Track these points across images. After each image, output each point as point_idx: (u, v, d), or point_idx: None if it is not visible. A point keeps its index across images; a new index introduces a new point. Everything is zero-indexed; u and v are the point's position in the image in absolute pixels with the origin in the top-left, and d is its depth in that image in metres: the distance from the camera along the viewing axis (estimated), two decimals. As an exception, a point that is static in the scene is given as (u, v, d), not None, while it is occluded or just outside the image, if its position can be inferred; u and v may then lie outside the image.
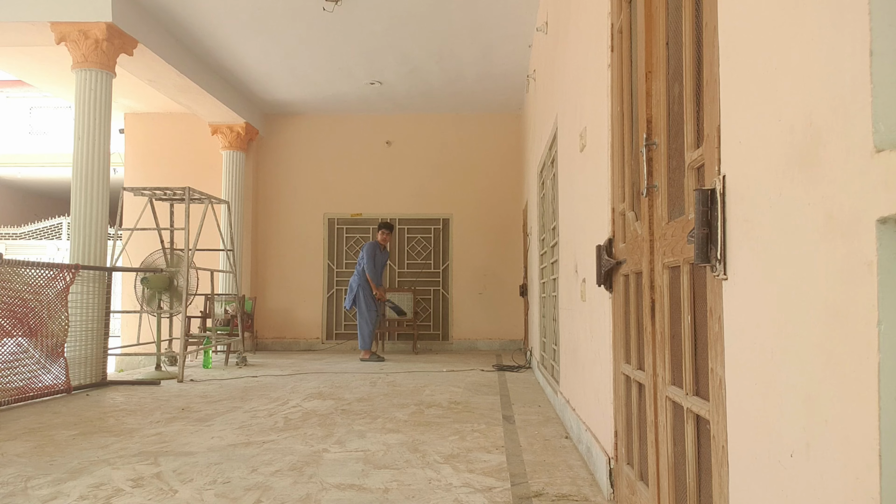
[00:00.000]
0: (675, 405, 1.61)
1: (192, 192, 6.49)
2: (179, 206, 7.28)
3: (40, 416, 4.17)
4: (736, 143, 1.14)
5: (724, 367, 1.21)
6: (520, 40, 6.84)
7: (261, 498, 2.40)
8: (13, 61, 7.53)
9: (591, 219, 2.88)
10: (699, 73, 1.39)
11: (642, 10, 1.89)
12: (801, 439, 0.90)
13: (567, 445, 3.25)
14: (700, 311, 1.41)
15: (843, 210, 0.78)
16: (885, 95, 0.72)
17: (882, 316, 0.71)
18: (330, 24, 6.55)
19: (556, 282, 4.48)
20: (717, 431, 1.25)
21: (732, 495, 1.17)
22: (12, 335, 4.66)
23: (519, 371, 6.64)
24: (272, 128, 9.74)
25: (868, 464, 0.73)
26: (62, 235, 13.09)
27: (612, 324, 2.38)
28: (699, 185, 1.38)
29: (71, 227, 5.71)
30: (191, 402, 4.75)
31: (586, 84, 3.06)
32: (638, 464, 2.03)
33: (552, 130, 4.65)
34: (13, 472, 2.78)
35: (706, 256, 1.23)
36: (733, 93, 1.16)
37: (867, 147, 0.73)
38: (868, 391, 0.73)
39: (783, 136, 0.95)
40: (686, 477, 1.50)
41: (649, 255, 1.81)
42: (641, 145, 1.85)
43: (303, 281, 9.55)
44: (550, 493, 2.45)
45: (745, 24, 1.11)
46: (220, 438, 3.43)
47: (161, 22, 6.57)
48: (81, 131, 5.73)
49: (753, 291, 1.07)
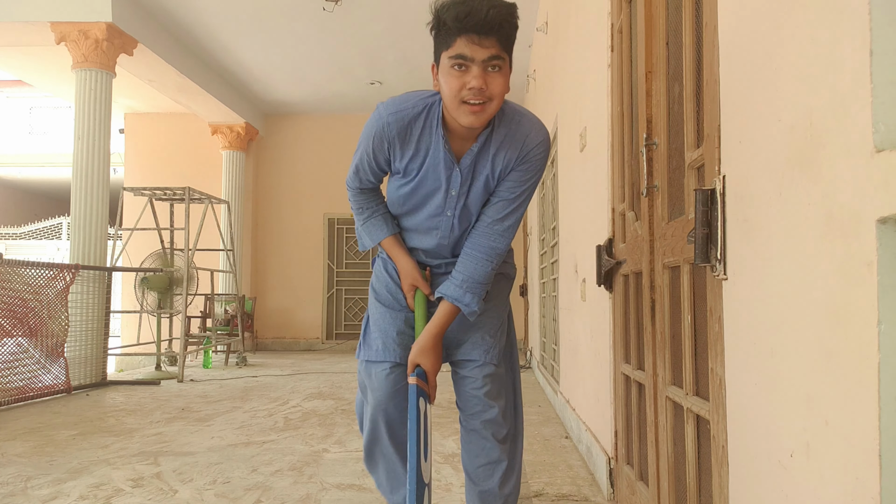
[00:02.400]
0: (675, 405, 1.61)
1: (191, 192, 6.49)
2: (179, 206, 7.28)
3: (40, 416, 4.17)
4: (736, 142, 1.14)
5: (724, 367, 1.21)
6: (519, 40, 6.75)
7: (261, 498, 2.40)
8: (13, 61, 7.53)
9: (591, 219, 2.88)
10: (699, 73, 1.39)
11: (642, 10, 1.88)
12: (801, 439, 0.90)
13: (567, 445, 3.25)
14: (700, 311, 1.41)
15: (843, 210, 0.78)
16: (885, 95, 0.72)
17: (882, 316, 0.71)
18: (330, 24, 6.55)
19: (556, 282, 4.49)
20: (717, 431, 1.25)
21: (732, 495, 1.17)
22: (12, 335, 4.66)
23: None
24: (272, 128, 9.74)
25: (868, 464, 0.73)
26: (62, 235, 13.09)
27: (611, 324, 2.38)
28: (699, 185, 1.38)
29: (71, 227, 5.71)
30: (191, 402, 4.75)
31: (586, 84, 3.06)
32: (638, 464, 2.03)
33: (552, 130, 4.65)
34: (13, 471, 2.78)
35: (706, 256, 1.23)
36: (733, 92, 1.16)
37: (867, 147, 0.73)
38: (868, 391, 0.73)
39: (783, 135, 0.95)
40: (686, 477, 1.50)
41: (649, 255, 1.81)
42: (641, 145, 1.85)
43: (303, 281, 9.55)
44: (550, 492, 2.45)
45: (745, 24, 1.11)
46: (220, 438, 3.43)
47: (161, 22, 6.57)
48: (81, 131, 5.73)
49: (753, 291, 1.07)
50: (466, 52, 1.33)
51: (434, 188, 1.53)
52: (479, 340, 1.60)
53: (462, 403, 1.63)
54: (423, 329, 1.55)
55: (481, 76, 1.34)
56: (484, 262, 1.53)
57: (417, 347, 1.54)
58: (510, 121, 1.49)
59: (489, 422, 1.59)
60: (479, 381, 1.58)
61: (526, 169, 1.51)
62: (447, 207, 1.54)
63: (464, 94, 1.35)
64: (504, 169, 1.50)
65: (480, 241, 1.54)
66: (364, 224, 1.66)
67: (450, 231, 1.58)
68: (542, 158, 1.52)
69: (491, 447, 1.60)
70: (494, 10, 1.31)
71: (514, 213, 1.54)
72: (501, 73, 1.37)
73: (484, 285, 1.54)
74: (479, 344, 1.60)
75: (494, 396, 1.59)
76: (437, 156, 1.49)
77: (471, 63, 1.34)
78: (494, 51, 1.34)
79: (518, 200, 1.53)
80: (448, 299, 1.53)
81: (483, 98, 1.36)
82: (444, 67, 1.38)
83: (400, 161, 1.52)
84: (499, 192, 1.53)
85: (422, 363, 1.53)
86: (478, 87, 1.33)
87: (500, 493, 1.62)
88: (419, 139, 1.49)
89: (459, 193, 1.52)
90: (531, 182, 1.53)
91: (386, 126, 1.48)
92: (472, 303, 1.53)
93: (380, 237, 1.64)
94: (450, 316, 1.54)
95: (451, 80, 1.36)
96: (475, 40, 1.32)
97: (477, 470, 1.62)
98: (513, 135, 1.48)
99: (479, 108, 1.36)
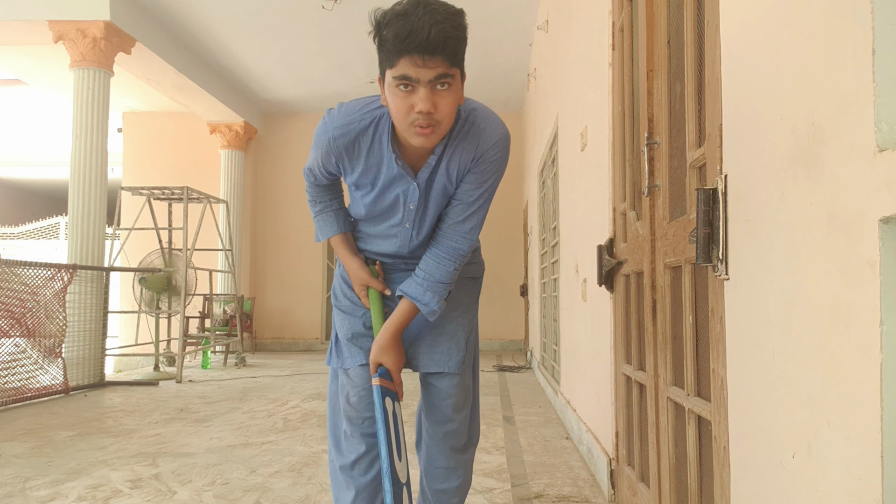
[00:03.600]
0: (676, 406, 1.60)
1: (190, 192, 6.48)
2: (178, 206, 7.27)
3: (38, 416, 4.16)
4: (738, 142, 1.14)
5: (726, 367, 1.20)
6: (520, 39, 6.84)
7: (260, 499, 2.40)
8: (11, 60, 7.52)
9: (592, 218, 2.88)
10: (701, 72, 1.38)
11: (643, 9, 1.88)
12: (802, 440, 0.89)
13: (568, 446, 3.25)
14: (702, 312, 1.40)
15: (846, 210, 0.78)
16: (888, 94, 0.71)
17: (884, 316, 0.71)
18: (329, 23, 6.55)
19: (557, 282, 4.48)
20: (718, 432, 1.25)
21: (734, 496, 1.17)
22: (10, 335, 4.65)
23: (519, 371, 6.64)
24: (271, 127, 9.73)
25: (870, 465, 0.72)
26: (60, 235, 13.08)
27: (612, 324, 2.37)
28: (701, 185, 1.38)
29: (69, 227, 5.70)
30: (189, 402, 4.74)
31: (587, 83, 3.06)
32: (639, 465, 2.02)
33: (553, 129, 4.65)
34: (11, 472, 2.77)
35: (708, 256, 1.22)
36: (735, 91, 1.15)
37: (870, 146, 0.72)
38: (870, 392, 0.73)
39: (785, 135, 0.95)
40: (687, 478, 1.50)
41: (650, 255, 1.80)
42: (643, 144, 1.85)
43: (302, 281, 9.55)
44: (551, 494, 2.45)
45: (747, 23, 1.11)
46: (218, 439, 3.43)
47: (159, 20, 6.56)
48: (79, 130, 5.72)
49: (755, 291, 1.07)
50: (411, 73, 1.25)
51: (392, 202, 1.50)
52: (450, 350, 1.60)
53: (426, 410, 1.66)
54: (382, 327, 1.54)
55: (428, 97, 1.26)
56: (446, 262, 1.52)
57: (377, 346, 1.51)
58: (465, 122, 1.43)
59: (451, 433, 1.63)
60: (446, 391, 1.60)
61: (482, 171, 1.45)
62: (405, 220, 1.52)
63: (412, 118, 1.28)
64: (460, 172, 1.46)
65: (443, 242, 1.53)
66: (316, 217, 1.66)
67: (409, 241, 1.57)
68: (499, 158, 1.46)
69: (448, 455, 1.65)
70: (437, 27, 1.21)
71: (475, 216, 1.51)
72: (451, 90, 1.29)
73: (446, 285, 1.53)
74: (451, 354, 1.60)
75: (459, 408, 1.62)
76: (391, 172, 1.44)
77: (416, 84, 1.26)
78: (441, 69, 1.25)
79: (477, 203, 1.50)
80: (408, 297, 1.52)
81: (432, 121, 1.29)
82: (390, 86, 1.29)
83: (351, 175, 1.49)
84: (458, 195, 1.49)
85: (384, 362, 1.51)
86: (426, 110, 1.26)
87: (455, 491, 1.68)
88: (368, 154, 1.44)
89: (417, 207, 1.49)
90: (489, 183, 1.48)
91: (332, 140, 1.44)
92: (432, 302, 1.51)
93: (328, 234, 1.63)
94: (409, 314, 1.53)
95: (397, 101, 1.29)
96: (419, 62, 1.23)
97: (435, 471, 1.68)
98: (466, 136, 1.43)
99: (429, 129, 1.30)
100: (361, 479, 1.60)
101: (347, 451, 1.62)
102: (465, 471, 1.70)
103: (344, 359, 1.61)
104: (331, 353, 1.66)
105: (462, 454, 1.68)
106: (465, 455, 1.69)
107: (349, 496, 1.61)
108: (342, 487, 1.64)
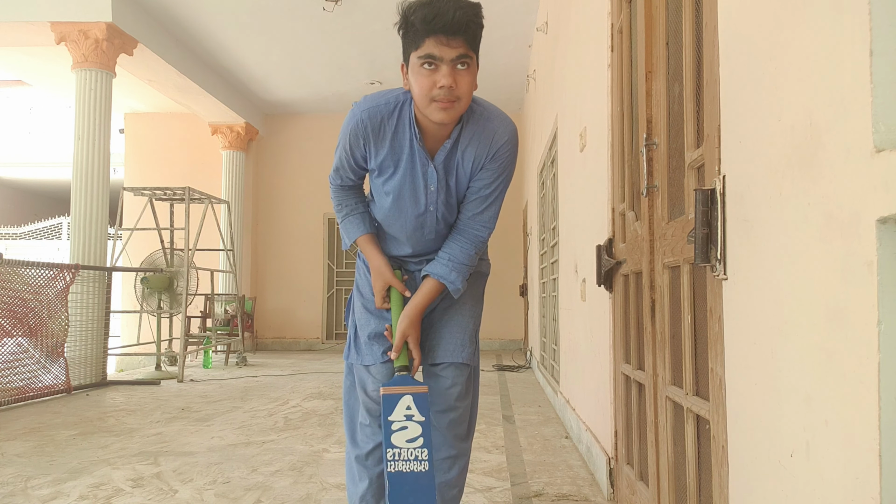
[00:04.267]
0: (675, 405, 1.61)
1: (191, 192, 6.49)
2: (179, 206, 7.28)
3: (40, 415, 4.17)
4: (736, 142, 1.14)
5: (724, 367, 1.21)
6: (520, 40, 6.84)
7: (261, 498, 2.40)
8: (13, 61, 7.53)
9: (591, 219, 2.88)
10: (699, 73, 1.39)
11: (642, 10, 1.89)
12: (801, 439, 0.90)
13: (567, 445, 3.25)
14: (700, 311, 1.41)
15: (843, 210, 0.78)
16: (885, 95, 0.72)
17: (882, 316, 0.71)
18: (330, 24, 6.55)
19: (556, 282, 4.49)
20: (717, 431, 1.25)
21: (732, 495, 1.17)
22: (12, 335, 4.66)
23: (519, 371, 6.64)
24: (272, 128, 9.74)
25: (868, 464, 0.73)
26: (62, 235, 13.09)
27: (611, 324, 2.38)
28: (699, 185, 1.38)
29: (71, 227, 5.71)
30: (191, 401, 4.75)
31: (586, 84, 3.06)
32: (638, 464, 2.03)
33: (552, 130, 4.65)
34: (13, 471, 2.78)
35: (706, 256, 1.23)
36: (733, 92, 1.16)
37: (867, 147, 0.73)
38: (868, 391, 0.73)
39: (783, 135, 0.95)
40: (686, 477, 1.50)
41: (649, 255, 1.81)
42: (641, 145, 1.85)
43: (303, 281, 9.55)
44: (550, 493, 2.45)
45: (745, 24, 1.11)
46: (220, 438, 3.43)
47: (161, 22, 6.57)
48: (81, 131, 5.73)
49: (753, 291, 1.07)
50: (435, 52, 1.40)
51: (414, 186, 1.60)
52: (462, 341, 1.69)
53: (431, 398, 1.71)
54: (408, 304, 1.63)
55: (450, 74, 1.41)
56: (468, 246, 1.64)
57: (407, 320, 1.60)
58: (479, 117, 1.57)
59: (454, 421, 1.69)
60: (452, 381, 1.67)
61: (496, 167, 1.59)
62: (429, 203, 1.62)
63: (434, 93, 1.42)
64: (475, 165, 1.59)
65: (464, 230, 1.65)
66: (342, 222, 1.76)
67: (435, 224, 1.65)
68: (511, 154, 1.61)
69: (451, 444, 1.70)
70: (461, 11, 1.39)
71: (492, 206, 1.65)
72: (469, 70, 1.44)
73: (468, 267, 1.65)
74: (465, 345, 1.69)
75: (462, 397, 1.69)
76: (413, 155, 1.56)
77: (440, 62, 1.41)
78: (462, 50, 1.41)
79: (493, 195, 1.63)
80: (434, 276, 1.63)
81: (453, 96, 1.43)
82: (414, 67, 1.45)
83: (375, 158, 1.59)
84: (474, 189, 1.62)
85: (411, 334, 1.60)
86: (448, 85, 1.41)
87: (455, 482, 1.73)
88: (392, 137, 1.56)
89: (438, 189, 1.60)
90: (503, 177, 1.62)
91: (360, 122, 1.55)
92: (458, 281, 1.63)
93: (355, 235, 1.72)
94: (434, 292, 1.64)
95: (421, 80, 1.43)
96: (443, 41, 1.39)
97: (439, 462, 1.72)
98: (481, 132, 1.56)
99: (450, 104, 1.44)
100: (376, 468, 1.71)
101: (363, 442, 1.72)
102: (465, 459, 1.75)
103: (364, 356, 1.69)
104: (349, 349, 1.75)
105: (463, 442, 1.74)
106: (465, 443, 1.75)
107: (362, 486, 1.71)
108: (356, 479, 1.74)
